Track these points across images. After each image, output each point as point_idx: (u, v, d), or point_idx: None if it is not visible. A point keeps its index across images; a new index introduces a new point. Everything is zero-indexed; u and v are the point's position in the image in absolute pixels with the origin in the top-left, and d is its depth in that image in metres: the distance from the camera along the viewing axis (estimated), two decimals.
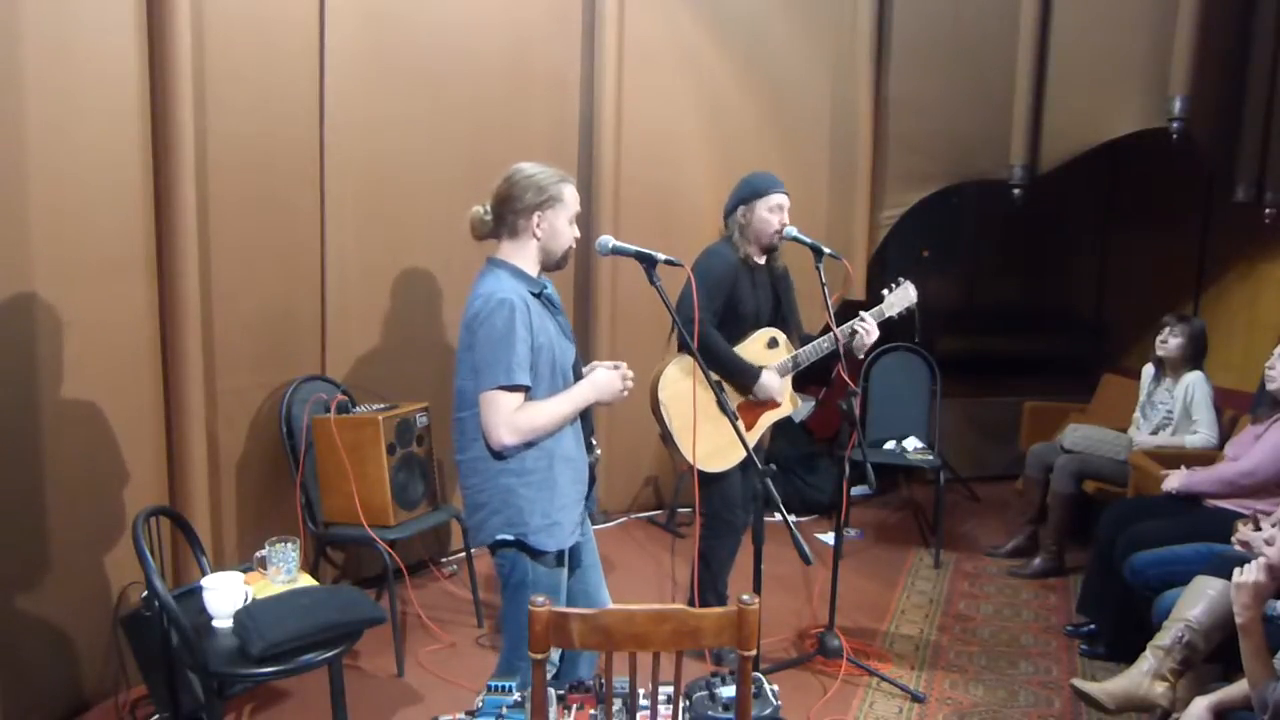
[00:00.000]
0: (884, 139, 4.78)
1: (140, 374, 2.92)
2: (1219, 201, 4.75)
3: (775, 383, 3.18)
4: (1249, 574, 2.14)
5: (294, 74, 3.35)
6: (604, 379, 2.31)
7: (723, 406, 2.48)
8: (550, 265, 2.33)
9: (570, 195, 2.30)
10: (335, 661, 2.38)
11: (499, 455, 2.20)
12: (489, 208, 2.31)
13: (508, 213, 2.27)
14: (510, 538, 2.23)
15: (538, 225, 2.26)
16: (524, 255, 2.29)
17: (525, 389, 2.17)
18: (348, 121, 3.50)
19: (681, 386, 3.07)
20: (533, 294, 2.25)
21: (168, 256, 2.93)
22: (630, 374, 2.35)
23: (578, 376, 2.36)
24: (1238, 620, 2.14)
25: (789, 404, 3.31)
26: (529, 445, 2.21)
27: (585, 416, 2.39)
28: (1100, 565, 3.38)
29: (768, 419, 3.27)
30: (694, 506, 2.83)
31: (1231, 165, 4.37)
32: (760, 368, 3.16)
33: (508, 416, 2.14)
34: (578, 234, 2.34)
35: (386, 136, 3.65)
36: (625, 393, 2.34)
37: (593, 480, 2.43)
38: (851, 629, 3.54)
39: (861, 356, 3.27)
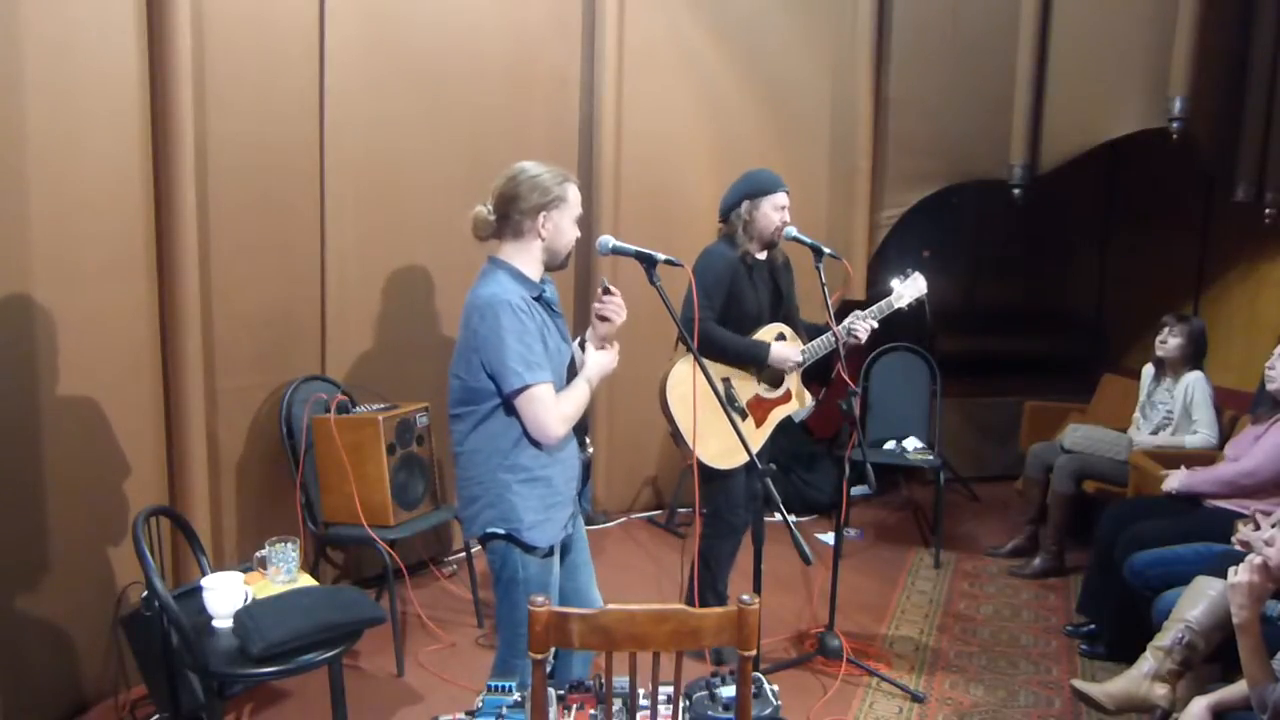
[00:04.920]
0: (884, 139, 4.78)
1: (140, 374, 2.92)
2: (1219, 201, 4.75)
3: (787, 350, 3.17)
4: (1242, 574, 2.14)
5: (294, 74, 3.35)
6: (599, 359, 2.35)
7: (724, 406, 2.48)
8: (554, 265, 2.33)
9: (574, 195, 2.30)
10: (335, 661, 2.38)
11: (498, 451, 2.22)
12: (492, 208, 2.29)
13: (513, 213, 2.25)
14: (501, 531, 2.24)
15: (543, 225, 2.25)
16: (527, 256, 2.28)
17: (550, 381, 2.20)
18: (348, 121, 3.50)
19: (690, 386, 3.07)
20: (534, 297, 2.24)
21: (168, 256, 2.93)
22: (616, 297, 2.35)
23: (572, 377, 2.37)
24: (1235, 620, 2.14)
25: (799, 400, 3.31)
26: (531, 443, 2.22)
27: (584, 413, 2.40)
28: (1100, 565, 3.38)
29: (778, 414, 3.27)
30: (694, 506, 2.83)
31: (1231, 165, 4.36)
32: (767, 342, 3.16)
33: (555, 408, 2.18)
34: (578, 234, 2.34)
35: (386, 136, 3.65)
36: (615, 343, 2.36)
37: (586, 478, 2.44)
38: (851, 629, 3.54)
39: (860, 342, 3.26)
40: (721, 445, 2.97)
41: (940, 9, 4.63)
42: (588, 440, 2.45)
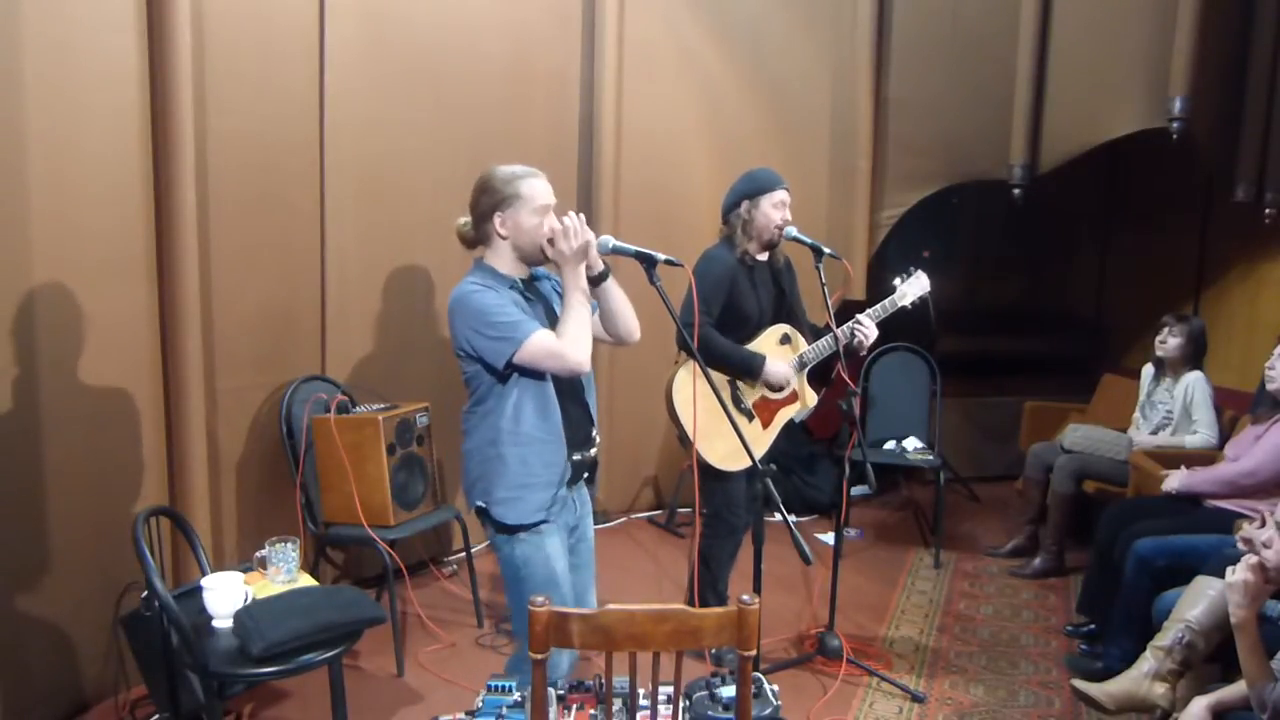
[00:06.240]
0: (884, 139, 4.78)
1: (140, 374, 2.92)
2: (1219, 201, 4.75)
3: (782, 366, 3.18)
4: (1240, 573, 2.15)
5: (294, 74, 3.35)
6: (557, 235, 2.23)
7: (725, 406, 2.47)
8: (532, 261, 2.34)
9: (529, 189, 2.28)
10: (335, 661, 2.38)
11: (489, 428, 2.27)
12: (470, 218, 2.36)
13: (477, 219, 2.33)
14: (485, 505, 2.30)
15: (501, 225, 2.28)
16: (501, 257, 2.32)
17: (538, 326, 2.21)
18: (348, 121, 3.50)
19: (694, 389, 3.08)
20: (507, 287, 2.29)
21: (168, 256, 2.93)
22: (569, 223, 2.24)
23: (582, 389, 2.38)
24: (1232, 619, 2.15)
25: (807, 399, 3.31)
26: (511, 422, 2.24)
27: (586, 410, 2.39)
28: (1100, 565, 3.38)
29: (785, 415, 3.28)
30: (694, 506, 2.83)
31: (1231, 165, 4.37)
32: (763, 355, 3.16)
33: (559, 347, 2.18)
34: (554, 224, 2.26)
35: (386, 136, 3.65)
36: (574, 234, 2.22)
37: (592, 477, 2.44)
38: (851, 629, 3.55)
39: (863, 354, 3.29)
40: (728, 446, 2.97)
41: (940, 9, 4.63)
42: (595, 435, 2.44)
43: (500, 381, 2.25)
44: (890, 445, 4.68)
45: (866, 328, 3.15)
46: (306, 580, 2.63)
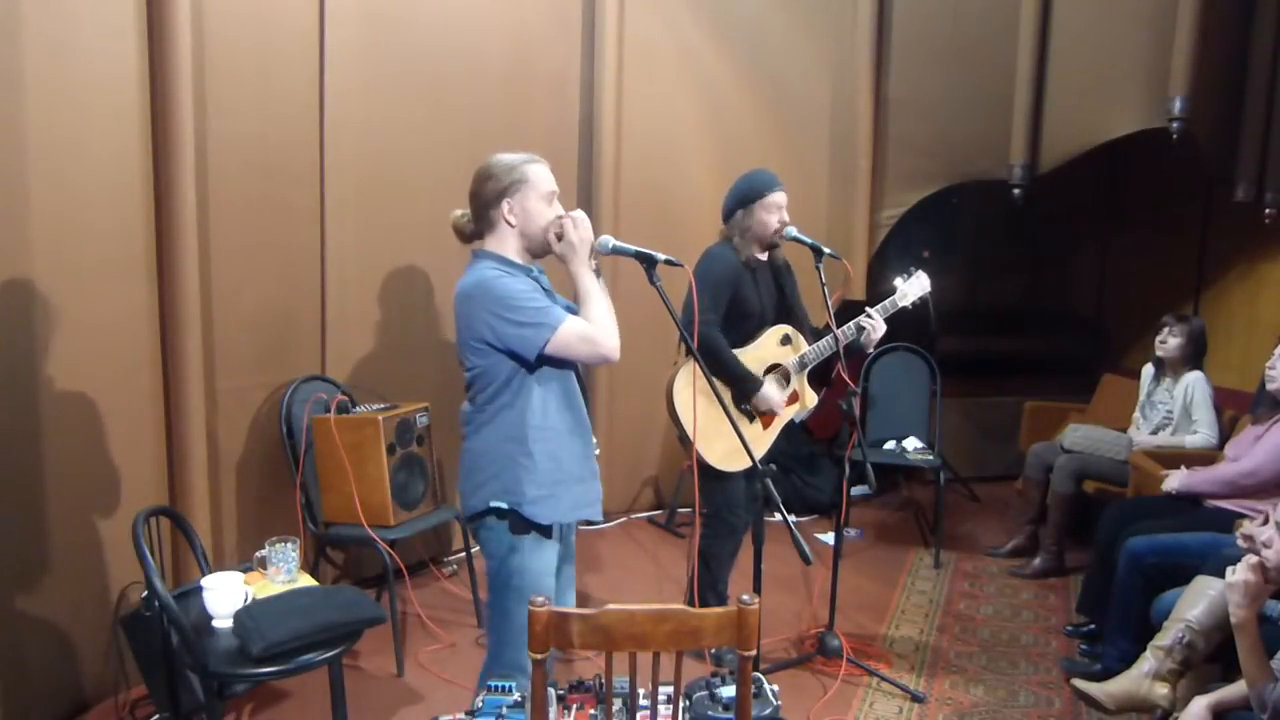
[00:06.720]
0: (884, 139, 4.78)
1: (140, 374, 2.92)
2: (1219, 201, 4.75)
3: (776, 394, 3.19)
4: (1240, 573, 2.15)
5: (294, 74, 3.35)
6: (569, 230, 2.21)
7: (725, 406, 2.47)
8: (537, 251, 2.28)
9: (537, 174, 2.25)
10: (335, 661, 2.38)
11: (509, 424, 2.19)
12: (468, 210, 2.30)
13: (480, 207, 2.26)
14: (504, 506, 2.22)
15: (509, 211, 2.23)
16: (507, 245, 2.26)
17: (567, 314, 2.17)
18: (348, 121, 3.50)
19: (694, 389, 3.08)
20: (525, 275, 2.25)
21: (168, 256, 2.93)
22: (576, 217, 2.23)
23: (584, 384, 2.36)
24: (1232, 619, 2.15)
25: (807, 400, 3.32)
26: (539, 419, 2.20)
27: (588, 409, 2.38)
28: (1101, 565, 3.38)
29: (785, 415, 3.28)
30: (694, 506, 2.83)
31: (1231, 165, 4.36)
32: (761, 379, 3.16)
33: (592, 332, 2.14)
34: (561, 212, 2.26)
35: (386, 136, 3.65)
36: (578, 225, 2.21)
37: None
38: (851, 629, 3.55)
39: (870, 351, 3.29)
40: (728, 446, 2.98)
41: (940, 9, 4.63)
42: (594, 441, 2.43)
43: (528, 372, 2.18)
44: (890, 445, 4.68)
45: (876, 320, 3.16)
46: (306, 580, 2.63)
